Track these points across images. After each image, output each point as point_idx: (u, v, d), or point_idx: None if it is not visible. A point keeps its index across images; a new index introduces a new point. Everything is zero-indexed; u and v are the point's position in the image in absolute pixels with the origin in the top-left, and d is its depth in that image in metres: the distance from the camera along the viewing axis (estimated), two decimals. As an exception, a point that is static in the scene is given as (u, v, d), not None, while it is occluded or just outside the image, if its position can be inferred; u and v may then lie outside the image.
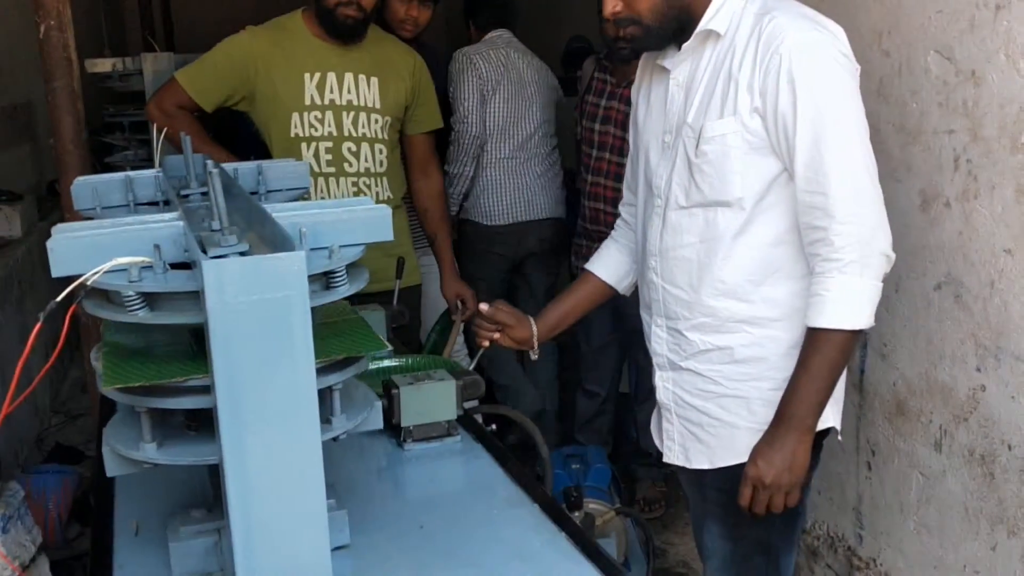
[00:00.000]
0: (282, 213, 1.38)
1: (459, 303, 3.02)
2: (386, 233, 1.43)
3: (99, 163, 3.85)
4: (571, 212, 3.66)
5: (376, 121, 2.76)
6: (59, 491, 3.10)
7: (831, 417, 1.80)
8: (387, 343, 1.45)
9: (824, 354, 1.67)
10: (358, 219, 1.41)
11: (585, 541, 1.50)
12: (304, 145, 2.70)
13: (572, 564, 1.44)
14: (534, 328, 2.05)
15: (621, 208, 2.14)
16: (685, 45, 1.78)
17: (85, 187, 1.81)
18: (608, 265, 2.11)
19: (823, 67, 1.65)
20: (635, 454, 3.51)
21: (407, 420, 1.88)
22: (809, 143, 1.63)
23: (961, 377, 2.13)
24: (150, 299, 1.26)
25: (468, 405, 2.03)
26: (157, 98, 2.75)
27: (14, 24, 4.56)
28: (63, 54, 2.80)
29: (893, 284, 2.31)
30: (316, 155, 2.72)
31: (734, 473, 1.78)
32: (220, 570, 1.42)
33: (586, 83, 3.33)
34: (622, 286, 2.10)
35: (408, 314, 2.57)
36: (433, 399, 1.89)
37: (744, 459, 1.76)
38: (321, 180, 2.74)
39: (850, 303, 1.66)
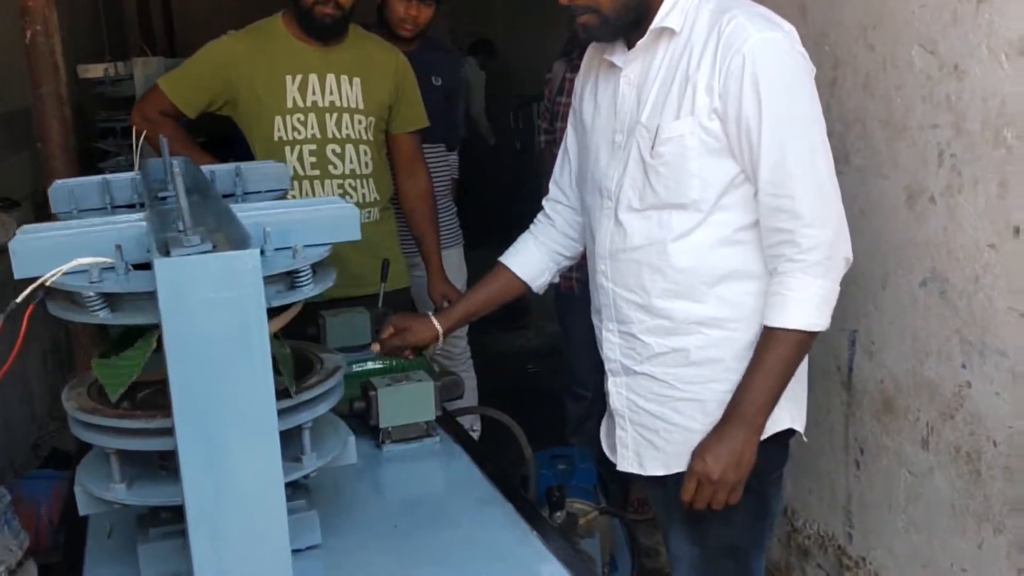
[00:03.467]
0: (247, 213, 1.38)
1: (445, 303, 3.01)
2: (353, 233, 1.42)
3: (94, 169, 3.85)
4: None
5: (360, 122, 2.75)
6: (50, 497, 3.10)
7: (790, 419, 1.78)
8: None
9: (780, 353, 1.67)
10: (324, 218, 1.40)
11: (557, 540, 1.49)
12: (288, 148, 2.69)
13: (543, 563, 1.44)
14: (437, 326, 2.05)
15: (545, 203, 2.09)
16: (639, 42, 1.73)
17: (63, 190, 1.82)
18: (525, 262, 2.07)
19: (786, 69, 1.63)
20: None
21: (385, 422, 1.88)
22: (775, 147, 1.61)
23: (947, 374, 2.11)
24: (112, 300, 1.26)
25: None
26: (140, 105, 2.75)
27: (7, 31, 4.57)
28: (49, 59, 2.79)
29: (880, 281, 2.30)
30: (300, 158, 2.71)
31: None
32: (188, 571, 1.41)
33: (557, 84, 3.31)
34: (536, 283, 2.07)
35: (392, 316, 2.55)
36: (411, 400, 1.89)
37: None
38: (306, 183, 2.72)
39: (812, 304, 1.65)
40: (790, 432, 1.81)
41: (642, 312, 1.79)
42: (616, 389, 1.88)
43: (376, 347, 2.07)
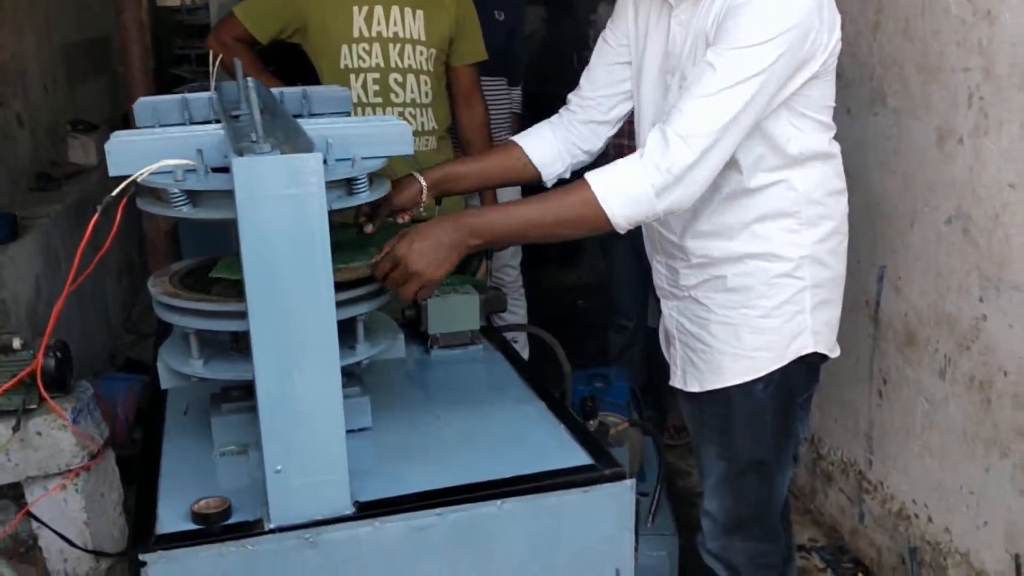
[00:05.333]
0: (312, 126, 1.54)
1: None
2: (406, 147, 1.57)
3: (170, 94, 4.04)
4: None
5: (421, 53, 2.89)
6: (127, 395, 3.35)
7: (814, 343, 1.85)
8: None
9: (562, 202, 1.64)
10: (380, 133, 1.55)
11: (583, 432, 1.66)
12: (353, 76, 2.85)
13: (566, 449, 1.60)
14: (422, 182, 1.96)
15: (572, 95, 2.06)
16: None
17: (146, 107, 1.97)
18: (538, 145, 2.01)
19: (767, 8, 1.62)
20: (665, 384, 3.64)
21: (433, 328, 2.04)
22: (709, 61, 1.62)
23: (965, 307, 2.22)
24: (194, 197, 1.43)
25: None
26: (216, 31, 2.91)
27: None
28: (132, -13, 3.00)
29: (909, 219, 2.40)
30: (364, 86, 2.86)
31: (724, 396, 1.89)
32: (255, 442, 1.60)
33: (601, 28, 3.40)
34: (547, 171, 2.02)
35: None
36: (458, 310, 2.05)
37: (728, 384, 1.87)
38: (368, 110, 2.88)
39: (629, 196, 1.62)
40: (821, 357, 1.90)
41: (681, 251, 1.92)
42: (668, 312, 2.02)
43: (369, 228, 1.90)
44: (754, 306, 1.84)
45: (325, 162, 1.49)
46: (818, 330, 1.86)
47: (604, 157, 3.45)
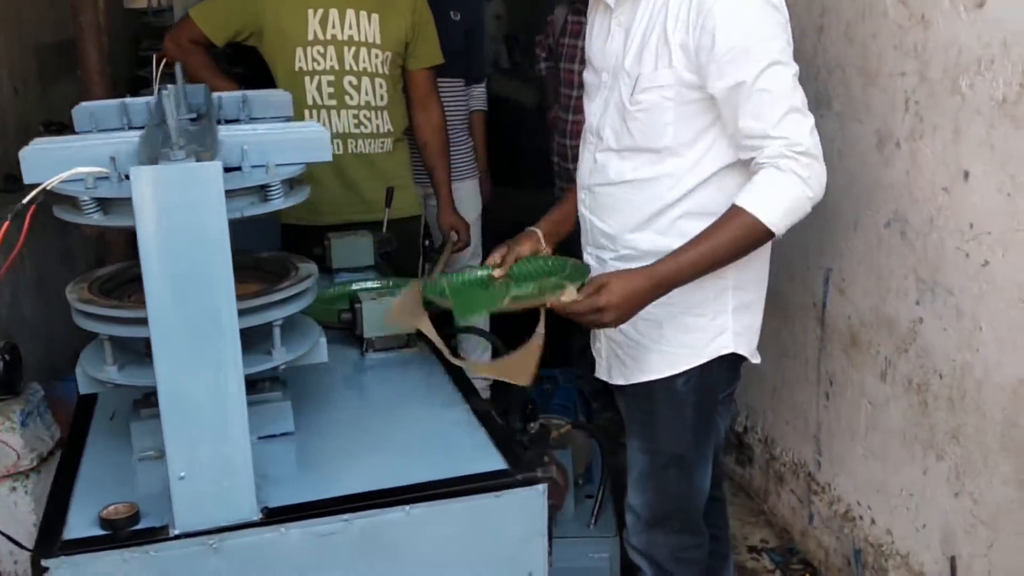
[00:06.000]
0: (229, 133, 1.55)
1: (453, 234, 3.17)
2: (324, 154, 1.57)
3: (135, 95, 4.04)
4: None
5: (376, 56, 2.90)
6: (86, 397, 3.37)
7: (735, 344, 1.90)
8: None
9: (731, 232, 1.73)
10: (297, 139, 1.56)
11: (503, 436, 1.66)
12: (307, 79, 2.86)
13: (483, 453, 1.61)
14: (539, 233, 2.07)
15: None
16: None
17: (84, 112, 1.98)
18: None
19: (750, 14, 1.72)
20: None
21: (368, 332, 2.05)
22: (743, 82, 1.70)
23: (903, 310, 2.23)
24: (106, 204, 1.44)
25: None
26: (173, 33, 2.92)
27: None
28: (89, -11, 2.99)
29: (852, 222, 2.41)
30: (319, 88, 2.87)
31: (647, 389, 1.93)
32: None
33: (560, 27, 3.45)
34: None
35: (395, 241, 2.72)
36: (393, 314, 2.06)
37: (652, 377, 1.92)
38: (323, 112, 2.89)
39: (783, 205, 1.72)
40: (741, 358, 1.95)
41: (611, 241, 1.95)
42: None
43: (498, 272, 2.01)
44: (678, 303, 1.87)
45: (240, 169, 1.51)
46: (739, 332, 1.91)
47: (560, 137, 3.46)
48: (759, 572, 2.77)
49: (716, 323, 1.89)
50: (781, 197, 1.72)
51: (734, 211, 1.74)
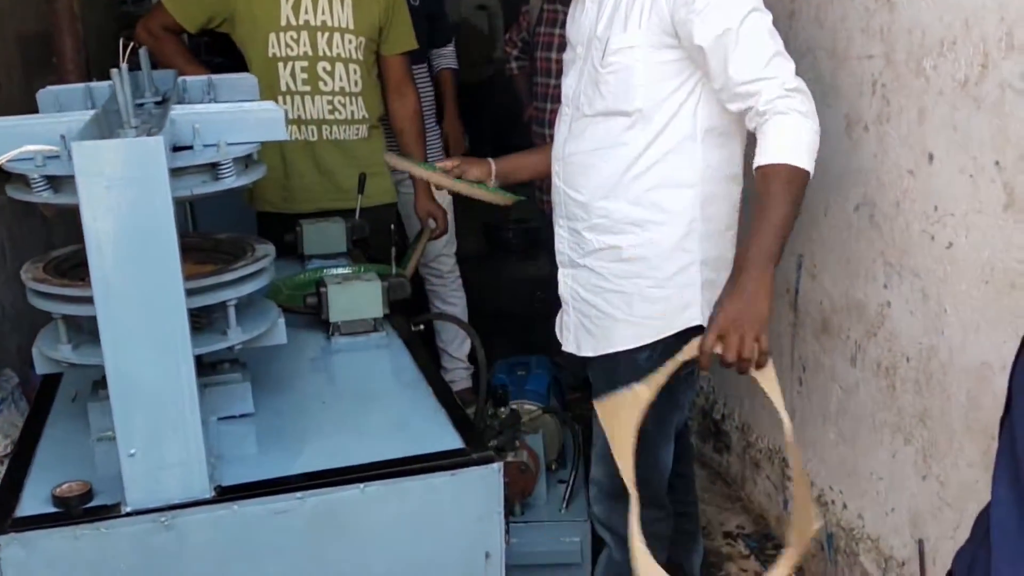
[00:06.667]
0: (182, 113, 1.54)
1: (431, 221, 3.16)
2: (278, 133, 1.56)
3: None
4: None
5: (350, 41, 2.89)
6: (64, 386, 3.36)
7: (701, 316, 1.92)
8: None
9: (781, 191, 1.75)
10: (251, 119, 1.55)
11: (461, 419, 1.66)
12: (280, 65, 2.85)
13: (441, 432, 1.61)
14: (493, 166, 2.17)
15: None
16: None
17: (49, 95, 1.97)
18: None
19: None
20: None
21: (334, 316, 2.04)
22: (721, 38, 1.75)
23: (872, 294, 2.23)
24: (57, 182, 1.43)
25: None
26: (145, 20, 2.91)
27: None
28: (63, -24, 2.99)
29: (822, 207, 2.41)
30: (292, 74, 2.86)
31: (612, 361, 1.96)
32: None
33: (536, 15, 3.45)
34: None
35: (368, 228, 2.71)
36: (359, 298, 2.05)
37: (616, 348, 1.95)
38: (297, 98, 2.88)
39: (804, 145, 1.78)
40: (701, 329, 1.94)
41: (584, 210, 1.97)
42: (563, 279, 2.09)
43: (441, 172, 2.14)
44: (647, 276, 1.91)
45: (191, 148, 1.51)
46: (705, 306, 1.92)
47: (537, 127, 3.47)
48: (734, 557, 2.78)
49: (685, 295, 1.91)
50: (798, 139, 1.77)
51: (769, 170, 1.75)
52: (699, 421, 3.34)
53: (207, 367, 1.67)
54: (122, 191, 1.26)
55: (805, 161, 1.76)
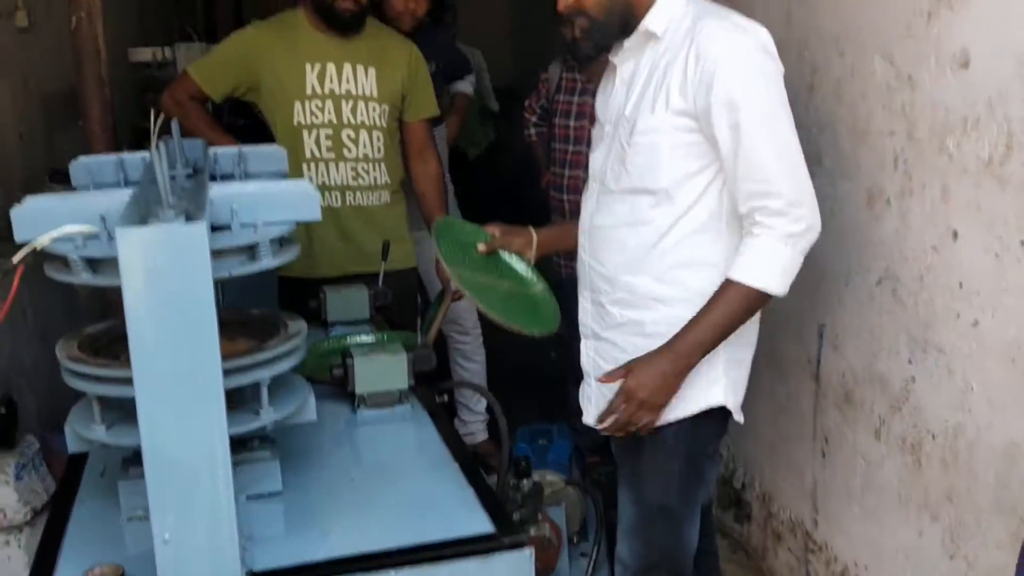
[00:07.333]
0: (220, 192, 1.56)
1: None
2: (313, 213, 1.58)
3: (138, 145, 4.08)
4: None
5: (374, 109, 2.93)
6: (82, 448, 3.36)
7: (723, 397, 1.93)
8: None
9: (731, 304, 1.83)
10: (286, 198, 1.57)
11: (490, 497, 1.66)
12: (306, 132, 2.89)
13: (470, 514, 1.60)
14: (534, 237, 2.21)
15: None
16: (627, 43, 1.93)
17: (82, 167, 2.00)
18: None
19: (751, 70, 1.79)
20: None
21: (360, 388, 2.05)
22: (745, 140, 1.77)
23: (896, 368, 2.23)
24: (94, 264, 1.45)
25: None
26: (171, 88, 2.96)
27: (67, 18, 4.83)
28: (92, 43, 3.02)
29: (844, 278, 2.42)
30: (317, 141, 2.90)
31: (636, 439, 1.95)
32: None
33: (555, 84, 3.50)
34: None
35: (391, 295, 2.72)
36: (385, 369, 2.05)
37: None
38: (322, 165, 2.92)
39: (777, 268, 1.81)
40: (727, 411, 1.96)
41: (608, 284, 1.99)
42: (586, 351, 2.11)
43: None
44: None
45: (229, 228, 1.53)
46: (729, 385, 1.93)
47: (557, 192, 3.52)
48: (756, 631, 2.74)
49: (708, 376, 1.91)
50: (772, 264, 1.80)
51: (736, 284, 1.82)
52: (719, 488, 3.32)
53: (236, 444, 1.66)
54: (165, 277, 1.27)
55: (775, 286, 1.81)
